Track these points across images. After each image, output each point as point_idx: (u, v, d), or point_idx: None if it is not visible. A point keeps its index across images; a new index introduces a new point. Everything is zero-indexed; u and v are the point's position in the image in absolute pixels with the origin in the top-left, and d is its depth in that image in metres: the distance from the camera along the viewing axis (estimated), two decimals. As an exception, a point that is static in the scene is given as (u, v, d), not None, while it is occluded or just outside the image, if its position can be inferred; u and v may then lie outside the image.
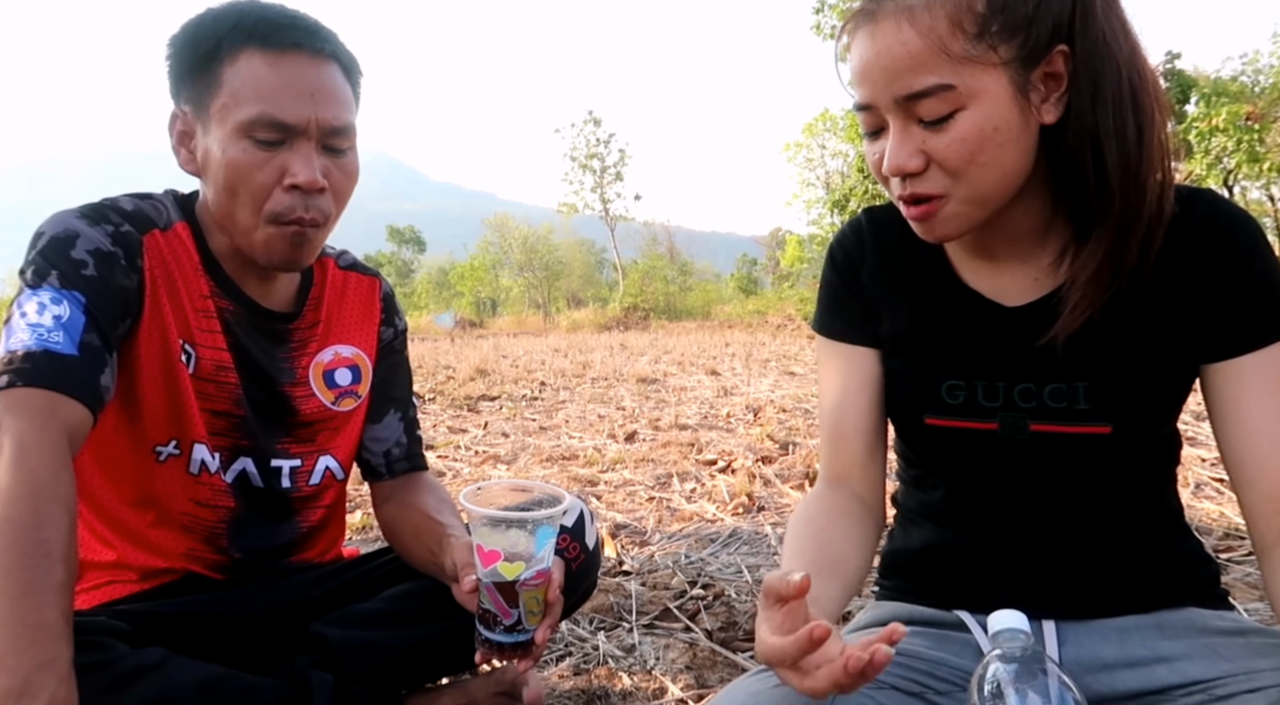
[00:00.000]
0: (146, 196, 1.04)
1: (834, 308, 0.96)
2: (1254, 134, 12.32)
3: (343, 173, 1.02)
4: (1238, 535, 2.03)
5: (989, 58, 0.71)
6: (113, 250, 0.95)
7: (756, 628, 0.67)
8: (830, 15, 15.29)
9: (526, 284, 45.84)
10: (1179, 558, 0.86)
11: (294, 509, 1.16)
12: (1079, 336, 0.80)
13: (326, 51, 0.99)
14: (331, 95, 0.99)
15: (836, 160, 33.17)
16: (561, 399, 5.98)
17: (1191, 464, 2.74)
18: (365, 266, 1.26)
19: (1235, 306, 0.78)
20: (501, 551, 0.90)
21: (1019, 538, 0.86)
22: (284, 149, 0.96)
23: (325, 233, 1.04)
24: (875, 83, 0.75)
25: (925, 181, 0.76)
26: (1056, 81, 0.74)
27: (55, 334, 0.87)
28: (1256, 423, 0.77)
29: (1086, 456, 0.82)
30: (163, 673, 0.89)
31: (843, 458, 0.92)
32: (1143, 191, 0.75)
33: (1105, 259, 0.77)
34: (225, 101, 0.95)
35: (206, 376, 1.04)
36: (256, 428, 1.09)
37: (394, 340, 1.27)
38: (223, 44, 0.95)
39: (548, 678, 1.42)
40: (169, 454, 1.04)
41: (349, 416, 1.19)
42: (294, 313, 1.14)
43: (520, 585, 0.90)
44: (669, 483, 3.02)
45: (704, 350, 11.09)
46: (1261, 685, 0.69)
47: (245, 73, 0.95)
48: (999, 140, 0.73)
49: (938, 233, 0.80)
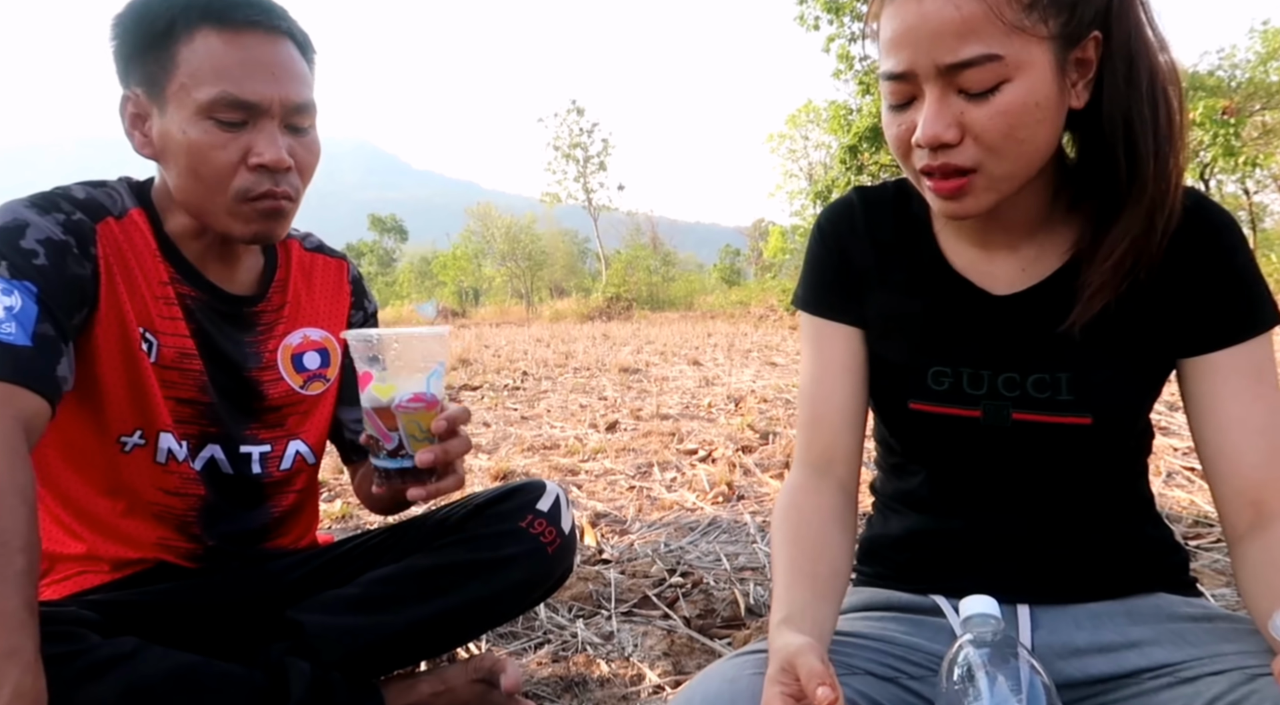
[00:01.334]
0: (100, 184, 1.02)
1: (819, 283, 0.94)
2: (1230, 128, 12.45)
3: (306, 150, 1.01)
4: (1207, 523, 2.07)
5: (1038, 30, 0.70)
6: (64, 239, 0.92)
7: (766, 688, 0.66)
8: (814, 6, 15.27)
9: (509, 274, 45.66)
10: (1149, 545, 0.87)
11: (266, 494, 1.15)
12: (1064, 328, 0.80)
13: (282, 28, 0.98)
14: (292, 73, 0.97)
15: (819, 151, 33.26)
16: (543, 389, 5.97)
17: (1164, 453, 2.79)
18: (331, 249, 1.25)
19: (1214, 303, 0.79)
20: (373, 373, 0.91)
21: (997, 524, 0.87)
22: (247, 129, 0.95)
23: (295, 207, 1.03)
24: (919, 48, 0.71)
25: (959, 154, 0.74)
26: (1085, 67, 0.74)
27: (7, 325, 0.84)
28: (1231, 417, 0.78)
29: (1066, 446, 0.83)
30: (136, 662, 0.88)
31: (822, 440, 0.90)
32: (1168, 178, 0.75)
33: (1130, 246, 0.77)
34: (183, 82, 0.93)
35: (170, 364, 1.03)
36: (224, 414, 1.08)
37: (365, 323, 1.26)
38: (176, 23, 0.93)
39: (526, 665, 1.43)
40: (134, 444, 1.02)
41: (318, 400, 1.18)
42: (258, 295, 1.13)
43: (396, 407, 0.90)
44: (649, 472, 3.03)
45: (686, 340, 11.10)
46: (1225, 668, 0.71)
47: (203, 52, 0.93)
48: (1038, 116, 0.72)
49: (965, 209, 0.77)
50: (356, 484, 1.30)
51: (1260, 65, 15.21)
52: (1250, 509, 0.76)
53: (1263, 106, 14.71)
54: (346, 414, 1.24)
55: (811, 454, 0.91)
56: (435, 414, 0.92)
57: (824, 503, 0.87)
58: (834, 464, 0.90)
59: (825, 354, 0.92)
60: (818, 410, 0.91)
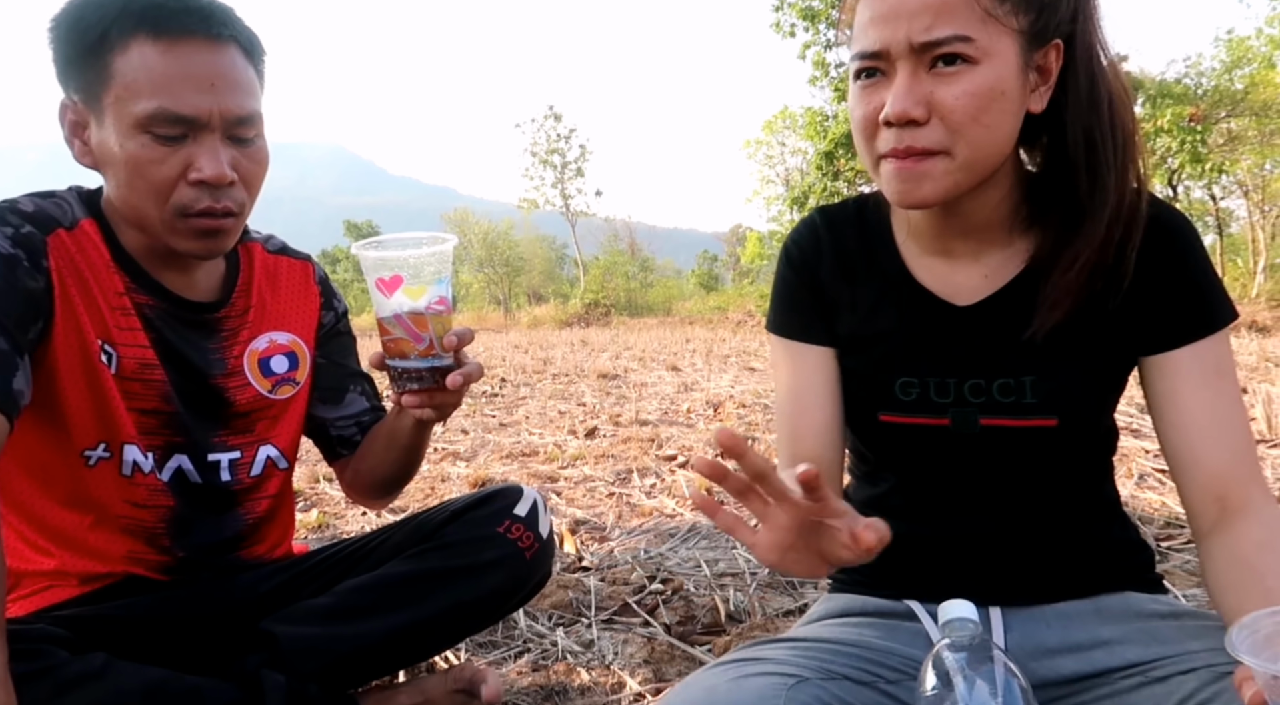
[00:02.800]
0: (49, 195, 0.99)
1: (790, 306, 0.95)
2: (1196, 135, 12.69)
3: (252, 161, 0.98)
4: (1178, 524, 2.10)
5: (1009, 21, 0.73)
6: (13, 253, 0.89)
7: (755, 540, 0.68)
8: (790, 13, 15.39)
9: (487, 280, 45.48)
10: (1117, 545, 0.89)
11: (237, 502, 1.13)
12: (1027, 332, 0.82)
13: (225, 35, 0.93)
14: (233, 83, 0.93)
15: (796, 157, 33.46)
16: (522, 395, 5.94)
17: (1135, 456, 2.83)
18: (295, 250, 1.23)
19: (1172, 303, 0.81)
20: (404, 276, 0.94)
21: (967, 528, 0.88)
22: (187, 142, 0.92)
23: (241, 221, 1.00)
24: (896, 26, 0.73)
25: (924, 135, 0.75)
26: (1045, 74, 0.77)
27: None
28: (1192, 415, 0.79)
29: (1033, 449, 0.84)
30: (106, 678, 0.87)
31: (802, 455, 0.92)
32: (1126, 191, 0.78)
33: (1091, 254, 0.79)
34: (118, 93, 0.90)
35: (130, 375, 1.01)
36: (190, 423, 1.06)
37: (337, 323, 1.25)
38: (110, 31, 0.89)
39: (506, 674, 1.42)
40: (99, 457, 1.01)
41: (288, 404, 1.17)
42: (221, 301, 1.11)
43: (427, 309, 0.95)
44: (629, 478, 3.03)
45: (665, 346, 11.11)
46: (1194, 666, 0.72)
47: (138, 63, 0.89)
48: (1003, 105, 0.74)
49: (922, 193, 0.77)
50: (349, 478, 1.26)
51: (1225, 73, 15.52)
52: (1215, 505, 0.78)
53: (1228, 113, 15.02)
54: (328, 412, 1.23)
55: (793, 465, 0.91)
56: (452, 317, 0.98)
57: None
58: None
59: (802, 375, 0.93)
60: (798, 430, 0.93)
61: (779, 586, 1.82)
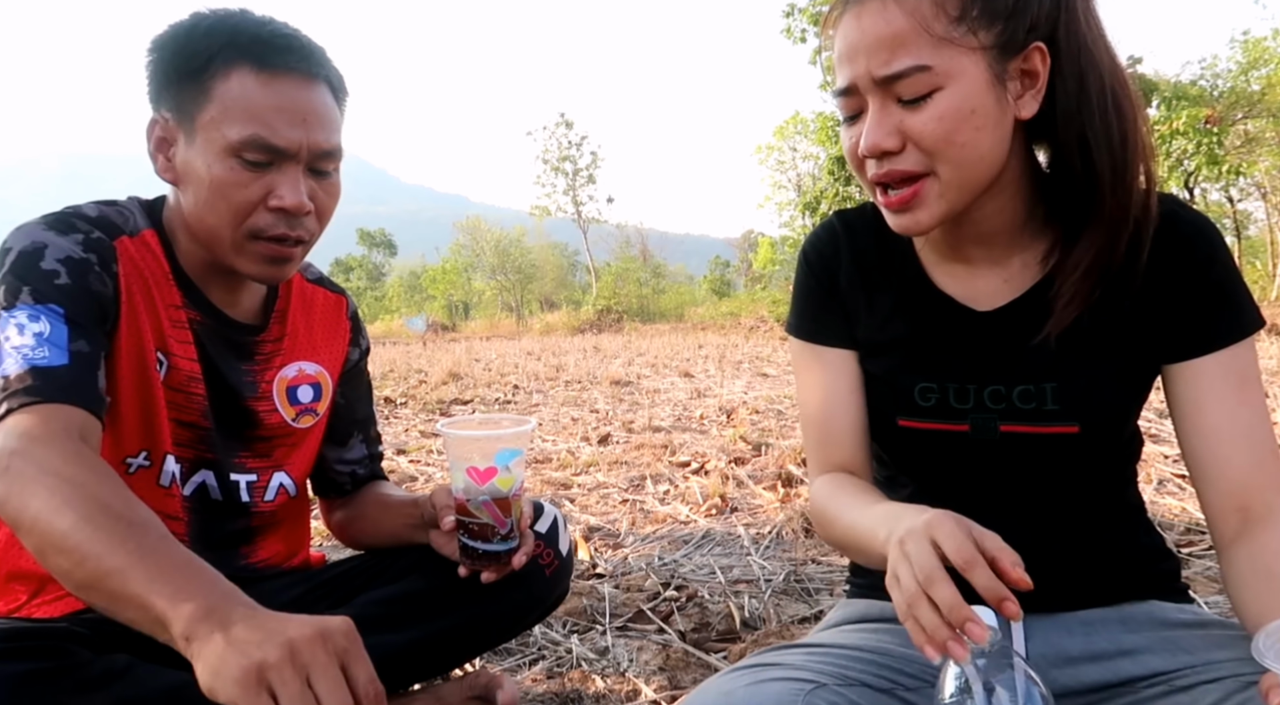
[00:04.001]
0: (111, 203, 1.02)
1: (811, 311, 0.95)
2: (1213, 137, 12.60)
3: (327, 194, 1.02)
4: (1199, 530, 2.08)
5: (968, 41, 0.73)
6: (85, 257, 0.92)
7: (953, 525, 0.65)
8: (800, 19, 15.39)
9: (499, 287, 45.65)
10: (1141, 552, 0.88)
11: (251, 523, 1.14)
12: (1039, 340, 0.81)
13: (319, 74, 0.98)
14: (322, 119, 0.98)
15: (808, 162, 33.42)
16: (535, 402, 5.95)
17: (1155, 461, 2.80)
18: (331, 282, 1.25)
19: (1196, 309, 0.79)
20: (498, 468, 1.01)
21: (987, 535, 0.87)
22: (271, 170, 0.95)
23: (307, 250, 1.04)
24: (856, 63, 0.75)
25: (903, 160, 0.77)
26: (1032, 78, 0.75)
27: (40, 351, 0.85)
28: (1216, 423, 0.78)
29: (1054, 455, 0.83)
30: (129, 679, 0.88)
31: (837, 457, 0.93)
32: (1129, 192, 0.77)
33: (1095, 258, 0.78)
34: (214, 116, 0.93)
35: (178, 386, 1.03)
36: (218, 441, 1.08)
37: (360, 360, 1.27)
38: (215, 58, 0.93)
39: (521, 681, 1.42)
40: (139, 465, 1.01)
41: (306, 434, 1.18)
42: (260, 325, 1.13)
43: (513, 497, 1.03)
44: (642, 485, 3.02)
45: (677, 352, 11.11)
46: (1219, 676, 0.71)
47: (237, 91, 0.93)
48: (976, 123, 0.74)
49: (918, 222, 0.79)
50: (336, 523, 1.30)
51: (1242, 74, 15.41)
52: (1237, 514, 0.77)
53: (1245, 115, 14.91)
54: (330, 451, 1.25)
55: (828, 468, 0.93)
56: (522, 494, 1.06)
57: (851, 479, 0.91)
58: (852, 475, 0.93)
59: (828, 377, 0.93)
60: (829, 432, 0.93)
61: (794, 593, 1.82)
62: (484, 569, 1.06)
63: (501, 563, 1.05)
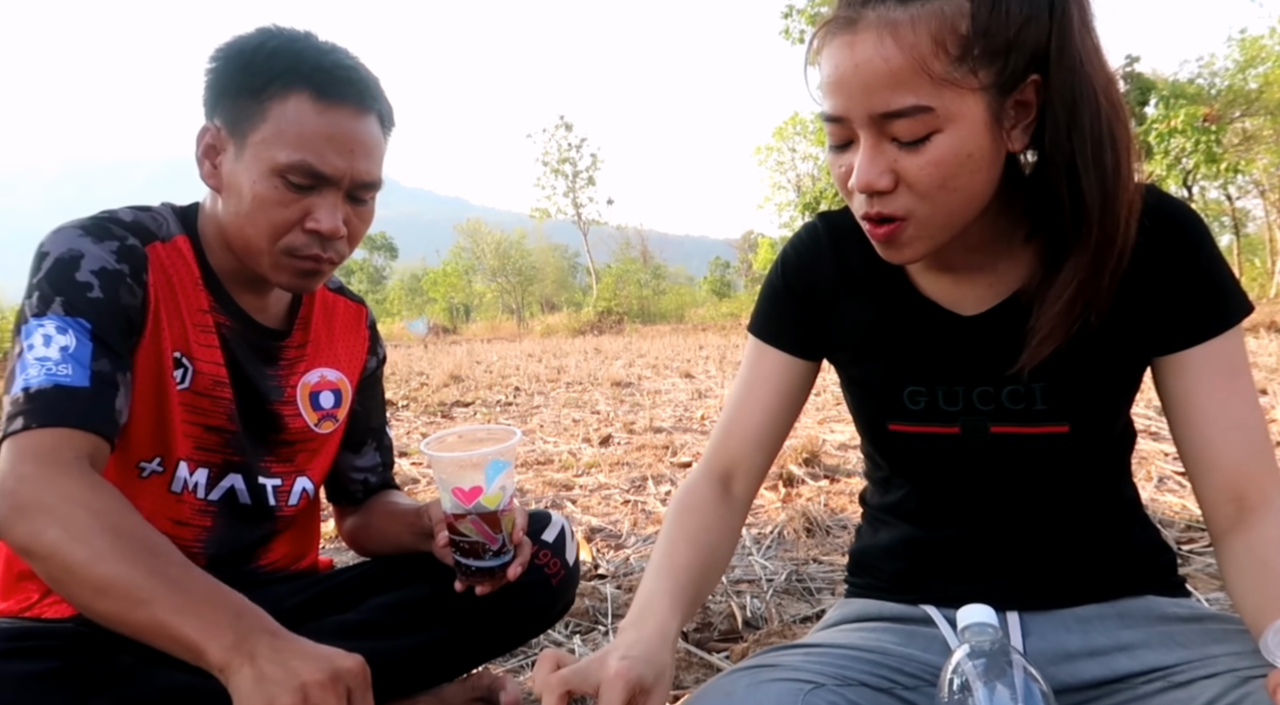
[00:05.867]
0: (145, 209, 1.04)
1: (768, 309, 0.96)
2: (1211, 135, 12.60)
3: (361, 220, 1.04)
4: (1199, 527, 2.08)
5: (969, 82, 0.69)
6: (118, 268, 0.94)
7: (555, 678, 0.69)
8: (799, 20, 15.41)
9: (500, 289, 45.70)
10: (1137, 547, 0.88)
11: (275, 528, 1.15)
12: (1014, 371, 0.81)
13: (372, 108, 1.00)
14: (369, 150, 1.00)
15: (807, 163, 33.46)
16: (536, 404, 5.96)
17: (1154, 458, 2.80)
18: (351, 292, 1.27)
19: (1183, 300, 0.79)
20: (484, 486, 1.01)
21: (983, 533, 0.88)
22: (312, 193, 0.97)
23: (336, 267, 1.06)
24: (851, 96, 0.72)
25: (892, 202, 0.74)
26: (1025, 110, 0.73)
27: (64, 367, 0.86)
28: (1207, 414, 0.78)
29: (1046, 454, 0.84)
30: (135, 680, 0.89)
31: (730, 452, 0.94)
32: (1117, 221, 0.74)
33: (1078, 291, 0.76)
34: (266, 136, 0.95)
35: (203, 391, 1.03)
36: (245, 444, 1.09)
37: (377, 369, 1.29)
38: (275, 80, 0.95)
39: (524, 682, 1.42)
40: (152, 470, 1.02)
41: (326, 439, 1.19)
42: (285, 331, 1.14)
43: (502, 511, 1.03)
44: (644, 486, 3.03)
45: (678, 353, 11.11)
46: (1217, 671, 0.71)
47: (293, 116, 0.94)
48: (971, 166, 0.72)
49: (902, 255, 0.79)
50: (348, 530, 1.31)
51: (1239, 73, 15.43)
52: (1232, 504, 0.77)
53: (1242, 113, 14.92)
54: (344, 458, 1.26)
55: (716, 462, 0.95)
56: (514, 506, 1.06)
57: (711, 510, 0.91)
58: (734, 478, 0.94)
59: (759, 373, 0.95)
60: (734, 424, 0.94)
61: (795, 592, 1.82)
62: (479, 584, 1.07)
63: (496, 578, 1.06)
